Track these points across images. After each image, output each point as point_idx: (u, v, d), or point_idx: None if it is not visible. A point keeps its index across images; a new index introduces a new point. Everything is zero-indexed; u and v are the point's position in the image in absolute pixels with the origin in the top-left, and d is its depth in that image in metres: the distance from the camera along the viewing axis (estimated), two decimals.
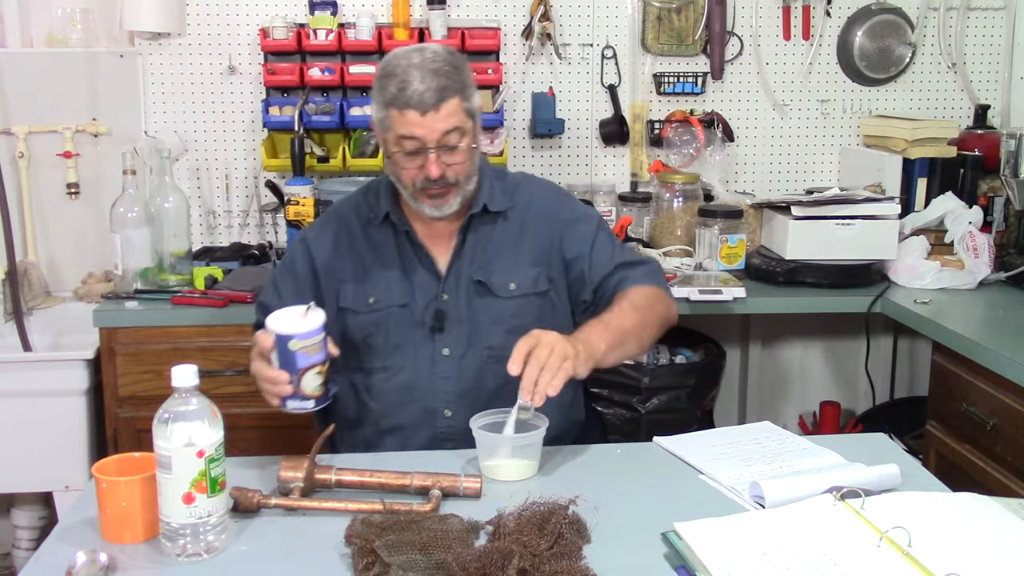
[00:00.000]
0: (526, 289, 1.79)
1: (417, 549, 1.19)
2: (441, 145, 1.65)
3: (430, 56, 1.65)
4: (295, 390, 1.46)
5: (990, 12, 3.09)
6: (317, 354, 1.46)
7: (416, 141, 1.65)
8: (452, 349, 1.76)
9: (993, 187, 2.83)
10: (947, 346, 2.21)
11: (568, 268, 1.83)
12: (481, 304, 1.77)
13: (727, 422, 3.06)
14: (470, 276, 1.78)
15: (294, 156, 2.71)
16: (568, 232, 1.83)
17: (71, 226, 2.87)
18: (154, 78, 2.87)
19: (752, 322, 3.15)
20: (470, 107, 1.69)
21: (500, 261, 1.79)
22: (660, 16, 2.99)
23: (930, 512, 1.28)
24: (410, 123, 1.63)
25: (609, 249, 1.84)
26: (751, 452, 1.56)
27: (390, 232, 1.80)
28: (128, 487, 1.27)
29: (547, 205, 1.85)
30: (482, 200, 1.79)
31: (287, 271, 1.85)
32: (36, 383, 2.40)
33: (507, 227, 1.81)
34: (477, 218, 1.79)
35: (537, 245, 1.81)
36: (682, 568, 1.20)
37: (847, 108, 3.12)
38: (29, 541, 2.71)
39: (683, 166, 2.96)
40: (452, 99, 1.64)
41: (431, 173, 1.66)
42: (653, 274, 1.85)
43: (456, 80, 1.65)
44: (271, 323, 1.46)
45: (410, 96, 1.62)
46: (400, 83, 1.63)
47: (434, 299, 1.77)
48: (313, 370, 1.46)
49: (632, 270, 1.82)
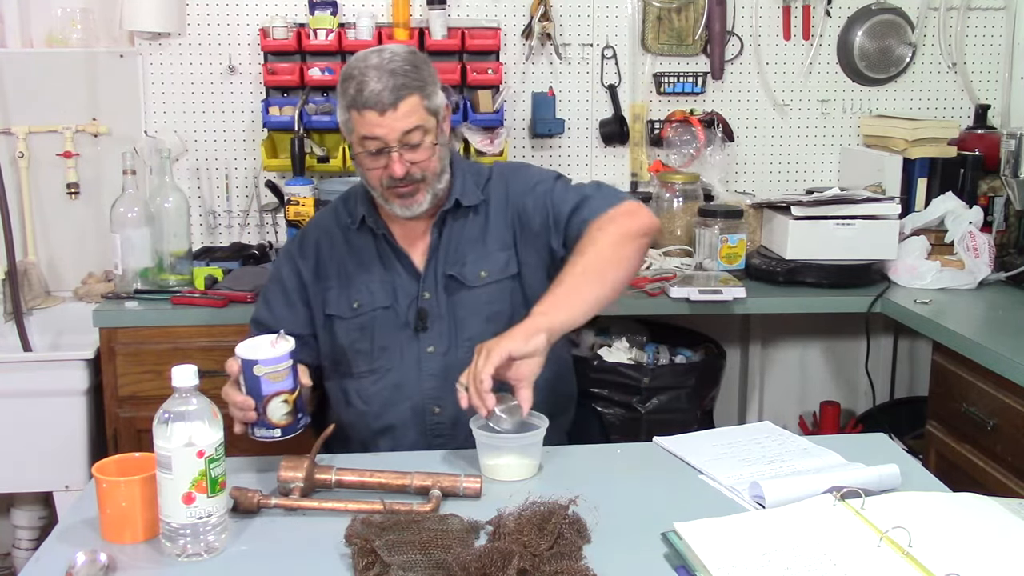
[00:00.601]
0: (496, 275, 1.79)
1: (417, 549, 1.19)
2: (403, 144, 1.66)
3: (388, 56, 1.66)
4: (261, 417, 1.45)
5: (990, 12, 3.09)
6: (283, 382, 1.45)
7: (377, 141, 1.66)
8: (436, 346, 1.77)
9: (993, 187, 2.83)
10: (947, 346, 2.21)
11: (536, 234, 1.79)
12: (456, 298, 1.78)
13: (727, 422, 3.06)
14: (444, 272, 1.79)
15: (294, 156, 2.71)
16: (528, 200, 1.81)
17: (71, 226, 2.87)
18: (154, 78, 2.87)
19: (752, 322, 3.15)
20: (431, 105, 1.68)
21: (472, 252, 1.80)
22: (660, 16, 2.99)
23: (930, 512, 1.28)
24: (370, 123, 1.64)
25: (564, 193, 1.79)
26: (751, 452, 1.56)
27: (369, 236, 1.82)
28: (128, 487, 1.27)
29: (507, 186, 1.84)
30: (454, 195, 1.79)
31: (276, 286, 1.86)
32: (36, 383, 2.40)
33: (478, 219, 1.82)
34: (451, 214, 1.80)
35: (502, 227, 1.81)
36: (682, 568, 1.20)
37: (847, 108, 3.12)
38: (29, 541, 2.71)
39: (683, 166, 2.96)
40: (410, 97, 1.64)
41: (395, 172, 1.67)
42: (608, 196, 1.77)
43: (414, 78, 1.65)
44: (239, 349, 1.46)
45: (367, 96, 1.63)
46: (358, 84, 1.64)
47: (415, 298, 1.78)
48: (279, 398, 1.44)
49: (588, 203, 1.76)
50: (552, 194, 1.80)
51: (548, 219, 1.78)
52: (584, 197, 1.77)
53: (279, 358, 1.43)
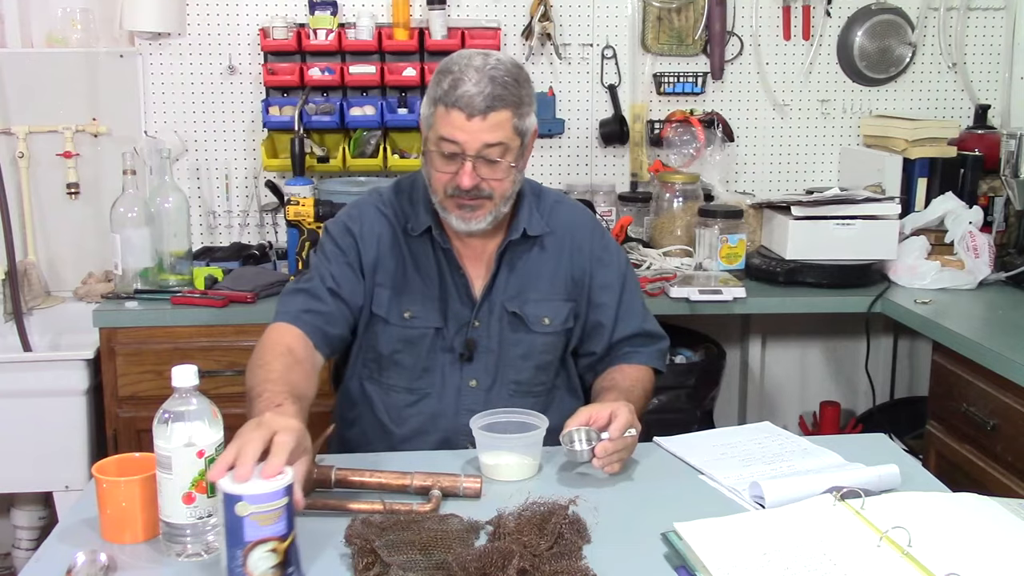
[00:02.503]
0: (557, 326, 1.75)
1: (417, 549, 1.19)
2: (480, 156, 1.58)
3: (493, 62, 1.58)
4: (238, 569, 1.12)
5: (990, 12, 3.09)
6: (273, 525, 1.12)
7: (455, 145, 1.58)
8: (479, 380, 1.71)
9: (993, 187, 2.83)
10: (947, 346, 2.21)
11: (589, 311, 1.79)
12: (513, 336, 1.73)
13: (727, 422, 3.06)
14: (503, 305, 1.72)
15: (294, 156, 2.71)
16: (598, 271, 1.78)
17: (71, 226, 2.87)
18: (154, 78, 2.87)
19: (752, 322, 3.15)
20: (521, 125, 1.61)
21: (534, 290, 1.74)
22: (660, 16, 2.99)
23: (930, 512, 1.28)
24: (453, 124, 1.56)
25: (633, 309, 1.81)
26: (751, 452, 1.56)
27: (428, 246, 1.72)
28: (128, 487, 1.27)
29: (583, 234, 1.79)
30: (521, 224, 1.72)
31: (333, 251, 1.72)
32: (36, 383, 2.40)
33: (543, 254, 1.76)
34: (515, 243, 1.73)
35: (571, 277, 1.77)
36: (682, 568, 1.20)
37: (847, 108, 3.12)
38: (29, 541, 2.71)
39: (683, 166, 2.96)
40: (503, 111, 1.56)
41: (462, 182, 1.59)
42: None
43: (513, 93, 1.58)
44: (220, 479, 1.13)
45: (459, 96, 1.55)
46: (453, 81, 1.56)
47: (465, 325, 1.71)
48: (265, 546, 1.12)
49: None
50: (620, 303, 1.79)
51: (608, 321, 1.78)
52: (641, 332, 1.81)
53: (272, 494, 1.12)
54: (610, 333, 1.79)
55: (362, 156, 2.85)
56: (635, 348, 1.80)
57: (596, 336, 1.80)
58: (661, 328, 1.87)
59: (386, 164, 2.82)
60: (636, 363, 1.79)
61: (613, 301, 1.79)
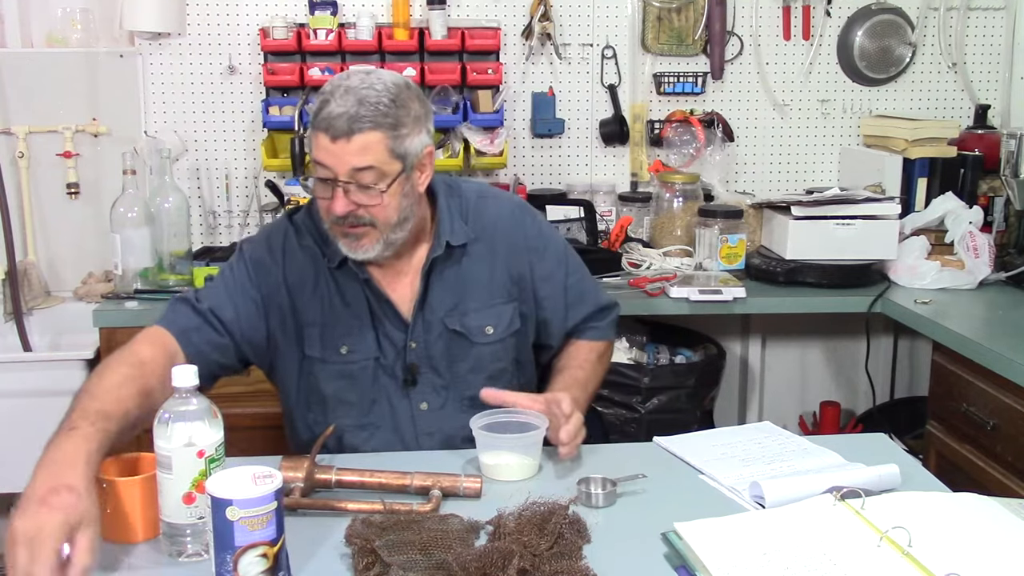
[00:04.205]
0: (502, 333, 1.69)
1: (417, 549, 1.19)
2: (352, 181, 1.49)
3: (371, 81, 1.50)
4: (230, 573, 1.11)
5: (990, 12, 3.09)
6: (263, 530, 1.12)
7: (326, 170, 1.50)
8: (429, 402, 1.66)
9: (993, 187, 2.83)
10: (947, 346, 2.21)
11: (537, 307, 1.75)
12: (457, 353, 1.66)
13: (727, 422, 3.06)
14: (443, 322, 1.65)
15: (294, 156, 2.70)
16: (537, 264, 1.73)
17: (71, 226, 2.87)
18: (154, 78, 2.87)
19: (752, 322, 3.15)
20: (399, 148, 1.50)
21: (472, 300, 1.67)
22: (660, 16, 2.99)
23: (930, 512, 1.28)
24: (320, 147, 1.49)
25: (581, 291, 1.79)
26: (751, 452, 1.56)
27: (351, 276, 1.64)
28: (128, 487, 1.27)
29: (513, 229, 1.72)
30: (443, 237, 1.64)
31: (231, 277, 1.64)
32: (36, 383, 2.39)
33: (474, 262, 1.68)
34: (440, 259, 1.65)
35: (507, 276, 1.71)
36: (682, 568, 1.20)
37: (847, 108, 3.12)
38: None
39: (683, 166, 2.96)
40: (370, 133, 1.47)
41: (334, 208, 1.51)
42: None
43: (386, 114, 1.48)
44: (209, 484, 1.13)
45: (323, 117, 1.48)
46: (323, 100, 1.50)
47: (402, 349, 1.65)
48: (256, 551, 1.12)
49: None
50: (567, 290, 1.77)
51: (557, 314, 1.77)
52: (593, 312, 1.81)
53: (262, 498, 1.11)
54: (562, 324, 1.78)
55: None
56: (589, 326, 1.81)
57: (548, 330, 1.78)
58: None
59: None
60: (590, 339, 1.80)
61: (559, 291, 1.76)
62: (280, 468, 1.39)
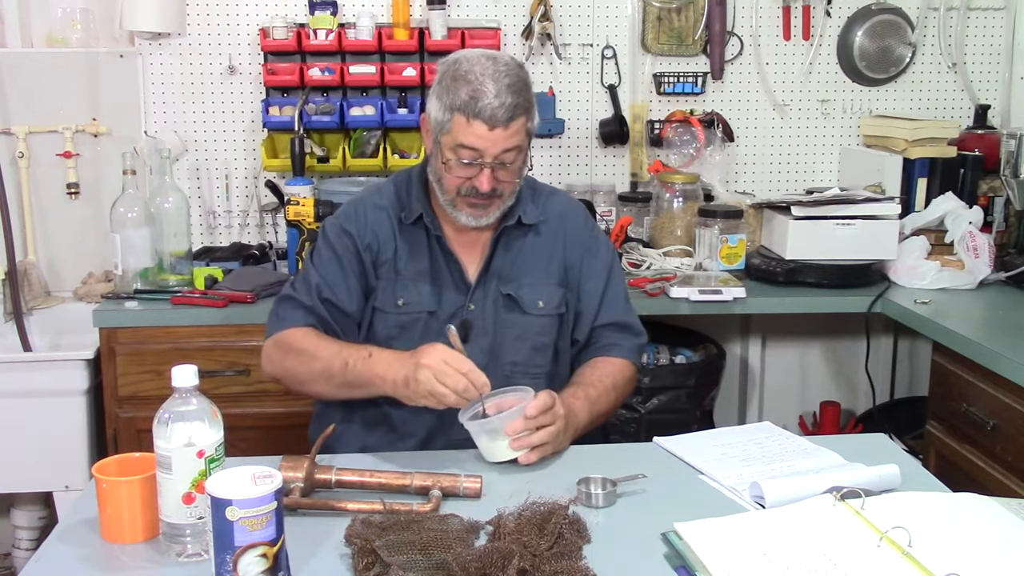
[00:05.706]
0: (551, 309, 1.79)
1: (417, 549, 1.19)
2: (498, 161, 1.64)
3: (503, 68, 1.62)
4: (227, 574, 1.12)
5: (990, 12, 3.09)
6: (262, 530, 1.13)
7: (475, 153, 1.63)
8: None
9: (993, 187, 2.83)
10: (947, 346, 2.21)
11: (578, 298, 1.84)
12: (508, 318, 1.77)
13: (727, 422, 3.06)
14: (499, 289, 1.77)
15: (294, 156, 2.71)
16: (587, 260, 1.84)
17: (71, 226, 2.87)
18: (154, 78, 2.87)
19: (752, 322, 3.15)
20: (532, 127, 1.68)
21: (529, 275, 1.79)
22: (660, 16, 2.99)
23: (930, 512, 1.28)
24: (475, 135, 1.61)
25: (616, 300, 1.85)
26: (751, 452, 1.56)
27: (422, 233, 1.77)
28: (128, 487, 1.27)
29: (575, 225, 1.85)
30: (517, 212, 1.77)
31: (328, 256, 1.76)
32: (36, 383, 2.39)
33: (538, 241, 1.81)
34: (510, 229, 1.78)
35: (564, 264, 1.82)
36: (682, 568, 1.20)
37: (847, 108, 3.12)
38: (29, 541, 2.71)
39: (683, 166, 2.96)
40: (521, 118, 1.62)
41: (482, 186, 1.65)
42: (639, 350, 1.87)
43: (526, 99, 1.64)
44: (209, 485, 1.14)
45: (482, 108, 1.59)
46: (473, 91, 1.59)
47: (460, 308, 1.75)
48: (255, 551, 1.12)
49: (625, 338, 1.84)
50: (605, 292, 1.83)
51: (592, 309, 1.83)
52: (624, 326, 1.84)
53: (261, 499, 1.12)
54: (592, 319, 1.83)
55: (362, 156, 2.85)
56: (613, 340, 1.83)
57: (580, 323, 1.84)
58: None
59: (386, 164, 2.81)
60: (612, 356, 1.82)
61: (598, 289, 1.84)
62: (280, 468, 1.39)
